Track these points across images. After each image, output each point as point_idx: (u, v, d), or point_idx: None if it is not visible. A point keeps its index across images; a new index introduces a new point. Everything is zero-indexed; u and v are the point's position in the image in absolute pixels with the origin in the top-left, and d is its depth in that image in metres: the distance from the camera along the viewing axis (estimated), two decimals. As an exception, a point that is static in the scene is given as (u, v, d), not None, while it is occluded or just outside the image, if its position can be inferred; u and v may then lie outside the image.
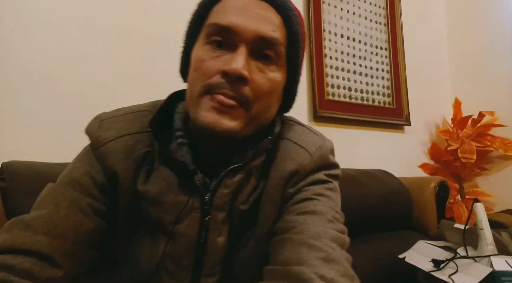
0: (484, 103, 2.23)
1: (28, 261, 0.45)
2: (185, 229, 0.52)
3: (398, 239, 1.54)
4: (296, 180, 0.56)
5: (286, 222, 0.53)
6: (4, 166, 0.93)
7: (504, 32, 2.21)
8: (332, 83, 1.87)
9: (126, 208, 0.54)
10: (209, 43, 0.53)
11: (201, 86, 0.51)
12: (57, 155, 1.17)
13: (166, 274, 0.53)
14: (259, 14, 0.51)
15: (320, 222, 0.51)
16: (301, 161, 0.56)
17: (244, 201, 0.55)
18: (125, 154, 0.55)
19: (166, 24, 1.44)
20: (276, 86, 0.54)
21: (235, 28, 0.50)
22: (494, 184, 2.18)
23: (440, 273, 1.19)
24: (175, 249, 0.53)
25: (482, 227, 1.21)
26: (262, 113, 0.53)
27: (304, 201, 0.54)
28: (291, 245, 0.48)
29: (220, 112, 0.49)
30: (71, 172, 0.56)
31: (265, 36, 0.51)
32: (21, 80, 1.15)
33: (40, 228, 0.48)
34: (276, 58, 0.53)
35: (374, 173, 1.65)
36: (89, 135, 0.59)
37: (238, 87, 0.49)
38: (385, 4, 2.16)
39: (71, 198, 0.52)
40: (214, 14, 0.53)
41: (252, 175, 0.56)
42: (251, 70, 0.51)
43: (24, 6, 1.17)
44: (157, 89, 1.39)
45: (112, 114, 0.60)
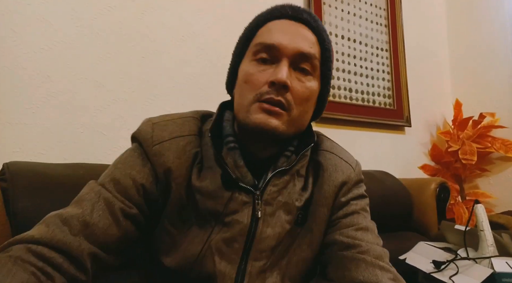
0: (485, 104, 2.23)
1: (60, 258, 0.52)
2: (240, 218, 0.61)
3: (398, 240, 1.53)
4: (346, 190, 0.69)
5: (348, 237, 0.65)
6: (5, 166, 0.93)
7: (505, 34, 2.21)
8: (332, 84, 1.87)
9: (178, 201, 0.62)
10: (256, 60, 0.62)
11: (252, 96, 0.60)
12: (57, 155, 1.17)
13: (218, 254, 0.61)
14: (298, 33, 0.62)
15: (373, 239, 0.66)
16: (348, 174, 0.70)
17: (297, 199, 0.65)
18: (178, 153, 0.63)
19: (166, 25, 1.44)
20: (312, 93, 0.63)
21: (279, 45, 0.60)
22: (494, 185, 2.18)
23: (441, 275, 1.18)
24: (229, 233, 0.61)
25: (482, 229, 1.21)
26: (300, 116, 0.63)
27: (354, 214, 0.68)
28: (365, 265, 0.61)
29: (269, 113, 0.59)
30: (114, 172, 0.63)
31: (303, 52, 0.61)
32: (21, 80, 1.15)
33: (74, 228, 0.55)
34: (312, 70, 0.63)
35: (374, 174, 1.65)
36: (142, 135, 0.65)
37: (282, 93, 0.59)
38: (385, 5, 2.16)
39: (107, 201, 0.59)
40: (260, 36, 0.63)
41: (295, 177, 0.66)
42: (292, 80, 0.60)
43: (24, 6, 1.17)
44: (157, 89, 1.39)
45: (162, 119, 0.67)
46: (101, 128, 1.26)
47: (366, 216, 0.70)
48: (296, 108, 0.61)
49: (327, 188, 0.67)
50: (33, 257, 0.50)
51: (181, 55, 1.46)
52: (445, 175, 2.19)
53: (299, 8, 0.64)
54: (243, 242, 0.62)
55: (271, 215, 0.63)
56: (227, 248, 0.61)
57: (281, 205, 0.64)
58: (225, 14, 1.58)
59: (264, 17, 0.65)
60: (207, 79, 1.50)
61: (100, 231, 0.56)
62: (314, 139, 0.68)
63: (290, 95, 0.60)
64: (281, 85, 0.58)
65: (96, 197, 0.59)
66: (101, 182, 0.62)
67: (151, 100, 1.37)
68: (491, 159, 2.19)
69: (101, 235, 0.56)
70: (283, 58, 0.60)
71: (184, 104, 1.43)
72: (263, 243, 0.62)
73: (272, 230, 0.63)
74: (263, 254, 0.62)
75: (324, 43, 0.64)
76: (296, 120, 0.62)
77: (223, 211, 0.62)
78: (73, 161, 1.09)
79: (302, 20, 0.63)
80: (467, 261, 1.19)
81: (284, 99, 0.59)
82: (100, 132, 1.26)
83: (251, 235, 0.62)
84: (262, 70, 0.61)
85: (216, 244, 0.61)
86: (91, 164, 1.05)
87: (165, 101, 1.40)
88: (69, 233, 0.54)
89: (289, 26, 0.62)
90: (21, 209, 0.85)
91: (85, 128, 1.24)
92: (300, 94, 0.61)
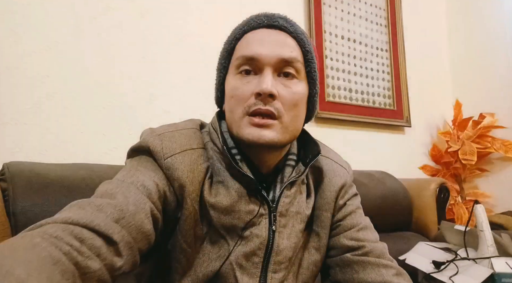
0: (485, 105, 2.23)
1: (99, 240, 0.47)
2: (258, 232, 0.62)
3: (398, 240, 1.53)
4: (344, 193, 0.72)
5: (352, 239, 0.68)
6: (5, 166, 0.93)
7: (505, 34, 2.21)
8: (332, 85, 1.87)
9: (193, 217, 0.60)
10: (239, 73, 0.62)
11: (241, 110, 0.60)
12: (57, 155, 1.17)
13: (239, 268, 0.61)
14: (277, 40, 0.62)
15: (373, 236, 0.70)
16: (345, 178, 0.73)
17: (307, 207, 0.67)
18: (191, 167, 0.61)
19: (166, 25, 1.44)
20: (300, 97, 0.63)
21: (259, 56, 0.60)
22: (494, 185, 2.18)
23: (441, 275, 1.19)
24: (248, 248, 0.61)
25: (482, 229, 1.21)
26: (292, 121, 0.62)
27: (352, 215, 0.71)
28: (371, 267, 0.65)
29: (260, 126, 0.59)
30: (136, 173, 0.58)
31: (284, 57, 0.61)
32: (21, 80, 1.15)
33: (111, 215, 0.50)
34: (296, 73, 0.62)
35: (374, 174, 1.65)
36: (150, 146, 0.61)
37: (269, 102, 0.59)
38: (385, 5, 2.16)
39: (137, 197, 0.54)
40: (239, 49, 0.63)
41: (301, 185, 0.68)
42: (278, 87, 0.60)
43: (24, 6, 1.17)
44: (157, 89, 1.39)
45: (165, 129, 0.64)
46: (101, 128, 1.26)
47: (361, 214, 0.74)
48: (287, 114, 0.61)
49: (328, 193, 0.70)
50: (69, 236, 0.44)
51: (181, 55, 1.46)
52: (445, 175, 2.19)
53: (273, 15, 0.64)
54: (263, 255, 0.62)
55: (285, 226, 0.64)
56: (247, 263, 0.61)
57: (293, 215, 0.65)
58: (225, 14, 1.58)
59: (241, 30, 0.65)
60: (207, 79, 1.50)
61: (136, 223, 0.52)
62: (319, 149, 0.68)
63: (279, 103, 0.60)
64: (266, 94, 0.58)
65: (127, 191, 0.54)
66: (125, 181, 0.57)
67: (151, 100, 1.38)
68: (491, 159, 2.19)
69: (135, 229, 0.52)
70: (266, 67, 0.60)
71: (184, 104, 1.43)
72: (281, 255, 0.63)
73: (288, 242, 0.64)
74: (282, 266, 0.63)
75: (304, 46, 0.64)
76: (289, 126, 0.61)
77: (240, 225, 0.61)
78: (73, 161, 1.09)
79: (278, 27, 0.63)
80: (467, 261, 1.19)
81: (273, 107, 0.59)
82: (100, 132, 1.26)
83: (269, 248, 0.62)
84: (246, 82, 0.61)
85: (236, 259, 0.61)
86: (91, 164, 1.05)
87: (165, 101, 1.40)
88: (107, 218, 0.49)
89: (267, 35, 0.62)
90: (21, 209, 0.85)
91: (85, 128, 1.24)
92: (289, 99, 0.61)
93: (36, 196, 0.88)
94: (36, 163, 0.99)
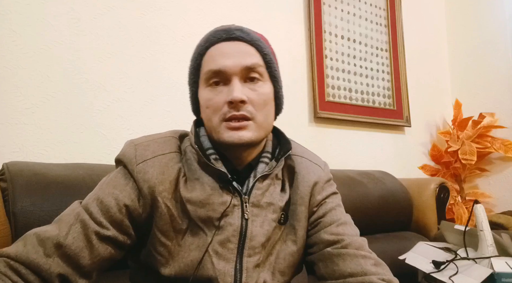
0: (485, 105, 2.23)
1: (32, 275, 0.58)
2: (231, 220, 0.68)
3: (398, 240, 1.54)
4: (319, 188, 0.77)
5: (332, 233, 0.73)
6: (5, 166, 0.93)
7: (504, 33, 2.21)
8: (332, 84, 1.87)
9: (167, 213, 0.67)
10: (210, 85, 0.69)
11: (217, 118, 0.68)
12: (57, 155, 1.17)
13: (215, 255, 0.67)
14: (237, 51, 0.69)
15: (352, 231, 0.75)
16: (319, 174, 0.78)
17: (279, 199, 0.73)
18: (161, 169, 0.68)
19: (166, 25, 1.44)
20: (267, 97, 0.70)
21: (225, 68, 0.67)
22: (494, 185, 2.18)
23: (441, 275, 1.19)
24: (223, 236, 0.67)
25: (482, 229, 1.21)
26: (265, 119, 0.70)
27: (332, 211, 0.76)
28: (350, 258, 0.69)
29: (237, 129, 0.66)
30: (98, 192, 0.67)
31: (247, 65, 0.68)
32: (21, 80, 1.15)
33: (48, 249, 0.60)
34: (260, 76, 0.70)
35: (374, 174, 1.65)
36: (126, 157, 0.69)
37: (242, 107, 0.66)
38: (385, 5, 2.16)
39: (83, 224, 0.63)
40: (205, 64, 0.70)
41: (275, 180, 0.74)
42: (246, 92, 0.67)
43: (24, 6, 1.17)
44: (157, 89, 1.39)
45: (143, 140, 0.72)
46: (101, 128, 1.27)
47: (342, 211, 0.78)
48: (259, 114, 0.68)
49: (302, 188, 0.75)
50: (10, 271, 0.57)
51: (181, 55, 1.46)
52: (444, 175, 2.19)
53: (230, 28, 0.70)
54: (237, 242, 0.68)
55: (258, 216, 0.70)
56: (223, 249, 0.67)
57: (266, 205, 0.71)
58: (225, 14, 1.58)
59: (203, 46, 0.71)
60: (207, 79, 1.50)
61: (73, 252, 0.61)
62: (291, 147, 0.76)
63: (250, 106, 0.67)
64: (238, 102, 0.65)
65: (74, 219, 0.63)
66: (84, 202, 0.66)
67: (151, 100, 1.38)
68: (491, 159, 2.19)
69: (74, 256, 0.61)
70: (233, 77, 0.67)
71: (184, 104, 1.43)
72: (254, 240, 0.68)
73: (261, 229, 0.69)
74: (256, 250, 0.69)
75: (262, 50, 0.70)
76: (262, 124, 0.69)
77: (215, 216, 0.67)
78: (73, 161, 1.09)
79: (236, 38, 0.70)
80: (466, 261, 1.19)
81: (245, 111, 0.66)
82: (100, 132, 1.26)
83: (243, 235, 0.68)
84: (218, 93, 0.68)
85: (213, 247, 0.67)
86: (90, 164, 1.05)
87: (165, 101, 1.40)
88: (43, 254, 0.59)
89: (228, 48, 0.69)
90: (21, 209, 0.85)
91: (85, 128, 1.24)
92: (258, 101, 0.68)
93: (36, 196, 0.88)
94: (36, 163, 0.99)
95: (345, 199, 1.46)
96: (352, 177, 1.54)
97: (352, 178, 1.53)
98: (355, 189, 1.49)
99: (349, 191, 1.46)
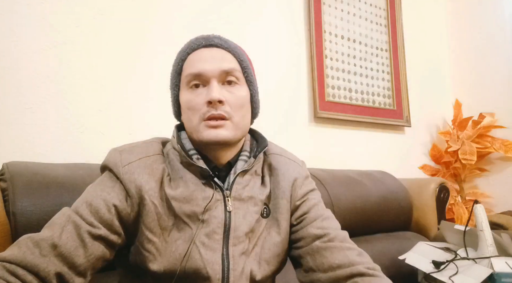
0: (485, 105, 2.23)
1: (30, 276, 0.60)
2: (215, 213, 0.72)
3: (398, 240, 1.54)
4: (300, 183, 0.82)
5: (318, 228, 0.78)
6: (5, 166, 0.93)
7: (504, 34, 2.21)
8: (332, 84, 1.87)
9: (154, 210, 0.71)
10: (190, 88, 0.74)
11: (197, 118, 0.73)
12: (57, 155, 1.17)
13: (202, 246, 0.70)
14: (217, 57, 0.74)
15: (335, 224, 0.80)
16: (298, 170, 0.84)
17: (260, 193, 0.78)
18: (146, 170, 0.72)
19: (166, 25, 1.44)
20: (243, 99, 0.76)
21: (204, 71, 0.72)
22: (494, 185, 2.18)
23: (440, 275, 1.19)
24: (208, 229, 0.71)
25: (482, 229, 1.21)
26: (241, 120, 0.75)
27: (315, 207, 0.82)
28: (337, 251, 0.74)
29: (215, 127, 0.71)
30: (86, 196, 0.70)
31: (225, 69, 0.73)
32: (21, 80, 1.15)
33: (44, 249, 0.62)
34: (237, 80, 0.75)
35: (374, 174, 1.65)
36: (111, 161, 0.73)
37: (219, 107, 0.71)
38: (385, 5, 2.16)
39: (75, 224, 0.66)
40: (186, 68, 0.75)
41: (254, 176, 0.79)
42: (224, 94, 0.73)
43: (24, 6, 1.17)
44: (156, 89, 1.39)
45: (127, 146, 0.77)
46: (101, 128, 1.27)
47: (323, 207, 0.84)
48: (236, 115, 0.73)
49: (283, 183, 0.80)
50: (6, 273, 0.58)
51: (181, 55, 1.46)
52: (444, 175, 2.19)
53: (209, 36, 0.76)
54: (222, 233, 0.72)
55: (240, 208, 0.75)
56: (209, 240, 0.71)
57: (247, 199, 0.76)
58: (224, 15, 1.58)
59: (185, 52, 0.76)
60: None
61: (68, 251, 0.63)
62: (267, 143, 0.82)
63: (227, 106, 0.72)
64: (216, 101, 0.70)
65: (65, 220, 0.66)
66: (73, 207, 0.69)
67: (151, 100, 1.38)
68: (491, 159, 2.20)
69: (69, 255, 0.63)
70: (211, 79, 0.72)
71: (184, 104, 1.43)
72: (238, 230, 0.73)
73: (244, 220, 0.74)
74: (240, 239, 0.73)
75: (239, 57, 0.76)
76: (239, 124, 0.74)
77: (199, 210, 0.71)
78: (73, 161, 1.09)
79: (215, 45, 0.76)
80: (466, 261, 1.19)
81: (223, 111, 0.71)
82: (100, 132, 1.26)
83: (227, 226, 0.73)
84: (198, 94, 0.73)
85: (199, 239, 0.71)
86: (90, 165, 1.05)
87: (165, 101, 1.40)
88: (39, 255, 0.61)
89: (207, 53, 0.74)
90: (21, 209, 0.85)
91: (85, 128, 1.24)
92: (235, 102, 0.73)
93: (36, 196, 0.88)
94: (36, 163, 0.99)
95: (345, 199, 1.48)
96: (352, 177, 1.54)
97: (352, 178, 1.53)
98: (355, 189, 1.49)
99: (349, 191, 1.46)
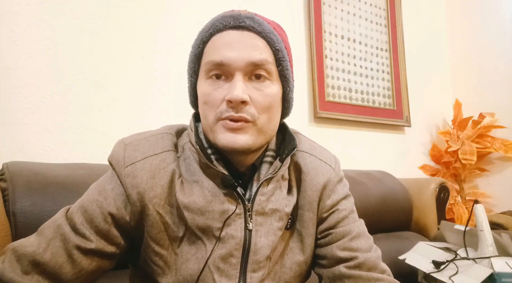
0: (485, 104, 2.23)
1: None
2: (233, 232, 0.61)
3: (398, 240, 1.54)
4: (329, 192, 0.69)
5: (345, 249, 0.66)
6: (5, 166, 0.93)
7: (505, 34, 2.21)
8: (332, 84, 1.87)
9: (159, 220, 0.61)
10: (210, 78, 0.61)
11: (213, 116, 0.60)
12: (57, 155, 1.17)
13: (217, 271, 0.60)
14: (245, 43, 0.60)
15: (366, 244, 0.68)
16: (329, 175, 0.69)
17: (286, 204, 0.66)
18: (152, 173, 0.61)
19: (166, 25, 1.44)
20: (273, 99, 0.62)
21: (228, 61, 0.58)
22: (494, 185, 2.18)
23: (441, 275, 1.19)
24: (224, 250, 0.61)
25: (482, 229, 1.21)
26: (267, 123, 0.62)
27: (345, 220, 0.69)
28: (362, 282, 0.63)
29: (233, 131, 0.58)
30: (84, 198, 0.63)
31: (254, 61, 0.59)
32: (21, 80, 1.15)
33: (25, 267, 0.57)
34: (268, 75, 0.61)
35: (374, 174, 1.65)
36: (114, 157, 0.64)
37: (242, 109, 0.58)
38: (385, 5, 2.16)
39: (63, 237, 0.59)
40: (208, 53, 0.62)
41: (281, 181, 0.66)
42: (250, 91, 0.59)
43: (24, 6, 1.17)
44: (156, 89, 1.39)
45: (134, 138, 0.66)
46: (101, 128, 1.26)
47: (355, 218, 0.71)
48: (261, 117, 0.60)
49: (310, 193, 0.68)
50: None
51: (181, 55, 1.45)
52: (444, 175, 2.19)
53: (240, 15, 0.61)
54: (240, 256, 0.61)
55: (262, 225, 0.63)
56: (225, 265, 0.61)
57: (271, 212, 0.64)
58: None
59: (207, 32, 0.62)
60: (207, 79, 1.50)
61: (52, 268, 0.57)
62: (296, 144, 0.67)
63: (252, 107, 0.59)
64: (238, 102, 0.57)
65: (54, 233, 0.60)
66: (70, 211, 0.62)
67: (151, 100, 1.38)
68: (491, 159, 2.19)
69: (54, 272, 0.58)
70: (236, 72, 0.59)
71: (183, 104, 1.42)
72: (258, 254, 0.62)
73: (266, 240, 0.63)
74: (260, 264, 0.62)
75: (274, 45, 0.62)
76: (263, 128, 0.61)
77: (215, 225, 0.61)
78: (73, 161, 1.09)
79: (245, 27, 0.60)
80: (466, 261, 1.19)
81: (245, 113, 0.58)
82: (100, 132, 1.26)
83: (246, 248, 0.62)
84: (218, 88, 0.60)
85: (213, 262, 0.61)
86: (90, 164, 1.05)
87: (165, 101, 1.40)
88: (20, 272, 0.57)
89: (235, 37, 0.60)
90: (21, 209, 0.85)
91: (85, 128, 1.24)
92: (262, 103, 0.60)
93: (36, 196, 0.88)
94: (36, 163, 0.99)
95: (345, 199, 1.47)
96: (352, 177, 1.54)
97: (352, 178, 1.53)
98: (355, 189, 1.47)
99: (349, 191, 1.46)
